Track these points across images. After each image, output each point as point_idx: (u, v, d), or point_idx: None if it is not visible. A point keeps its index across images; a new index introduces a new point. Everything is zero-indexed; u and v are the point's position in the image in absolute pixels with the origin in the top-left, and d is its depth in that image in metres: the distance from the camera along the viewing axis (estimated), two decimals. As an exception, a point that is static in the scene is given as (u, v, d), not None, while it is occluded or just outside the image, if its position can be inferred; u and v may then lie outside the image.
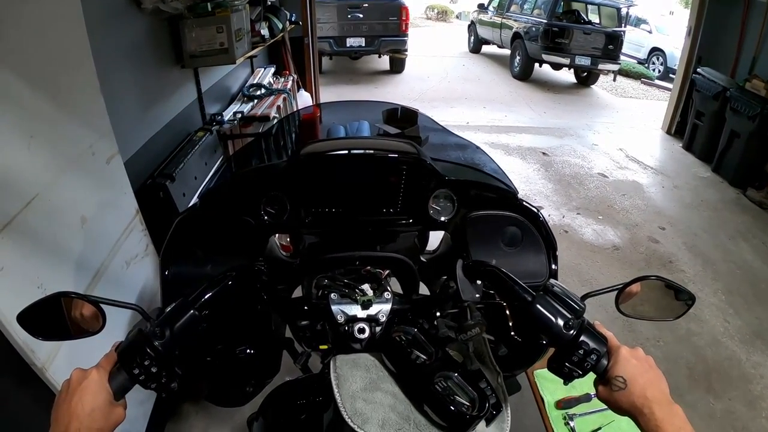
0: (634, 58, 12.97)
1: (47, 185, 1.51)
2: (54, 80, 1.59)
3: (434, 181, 1.24)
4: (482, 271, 1.10)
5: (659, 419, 0.80)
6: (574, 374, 0.91)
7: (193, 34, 2.92)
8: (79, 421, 0.78)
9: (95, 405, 0.81)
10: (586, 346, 0.90)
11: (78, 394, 0.81)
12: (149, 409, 2.14)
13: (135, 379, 0.85)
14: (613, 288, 1.01)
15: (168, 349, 0.88)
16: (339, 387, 0.95)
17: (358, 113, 2.21)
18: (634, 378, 0.86)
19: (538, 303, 0.95)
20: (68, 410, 0.80)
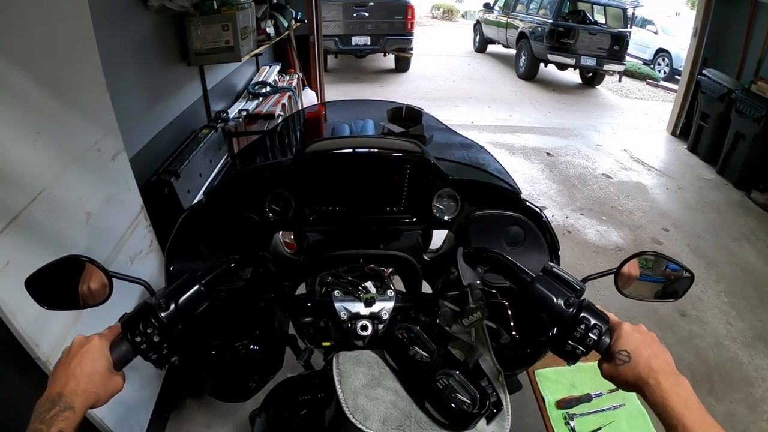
0: (639, 58, 12.93)
1: (53, 181, 1.52)
2: (60, 77, 1.60)
3: (438, 180, 1.24)
4: (483, 257, 1.12)
5: (665, 389, 0.79)
6: (577, 351, 0.91)
7: (198, 31, 2.92)
8: (76, 382, 0.78)
9: (94, 369, 0.81)
10: (587, 321, 0.90)
11: (78, 357, 0.81)
12: (152, 403, 2.15)
13: (137, 348, 0.87)
14: (613, 270, 1.02)
15: (171, 321, 0.90)
16: (341, 383, 0.96)
17: (363, 112, 2.21)
18: (638, 350, 0.86)
19: (538, 283, 0.97)
20: (66, 371, 0.80)
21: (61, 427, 0.73)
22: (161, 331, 0.88)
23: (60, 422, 0.73)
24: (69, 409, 0.75)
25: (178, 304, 0.91)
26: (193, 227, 1.21)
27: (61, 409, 0.74)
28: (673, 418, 0.77)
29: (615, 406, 1.81)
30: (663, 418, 0.79)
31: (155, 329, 0.87)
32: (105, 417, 1.71)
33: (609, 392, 1.84)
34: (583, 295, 0.95)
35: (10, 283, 1.30)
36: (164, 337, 0.88)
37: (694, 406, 0.77)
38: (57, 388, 0.77)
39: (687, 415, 0.76)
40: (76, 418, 0.76)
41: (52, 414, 0.74)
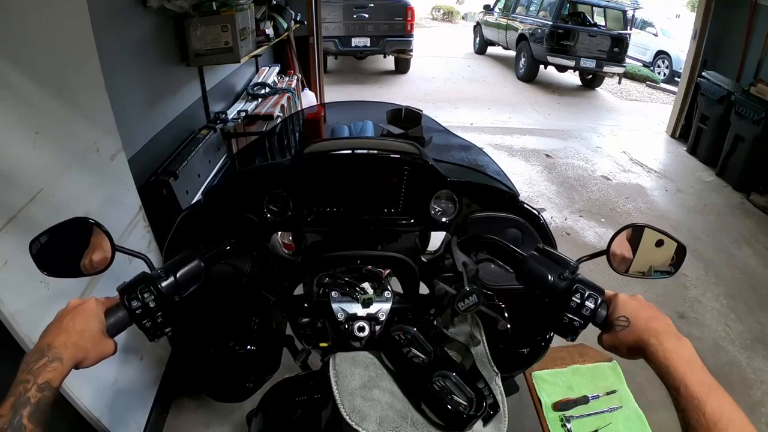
0: (639, 60, 12.94)
1: (52, 181, 1.52)
2: (59, 77, 1.60)
3: (436, 182, 1.24)
4: (478, 243, 1.14)
5: (667, 349, 0.78)
6: (575, 324, 0.92)
7: (198, 32, 2.93)
8: (67, 335, 0.78)
9: (86, 327, 0.81)
10: (582, 290, 0.91)
11: (71, 315, 0.81)
12: (150, 403, 2.15)
13: (132, 314, 0.88)
14: (604, 250, 1.02)
15: (170, 291, 0.92)
16: (338, 384, 0.96)
17: (362, 113, 2.22)
18: (637, 314, 0.85)
19: (531, 259, 0.99)
20: (58, 326, 0.79)
21: (48, 378, 0.72)
22: (158, 299, 0.89)
23: (47, 373, 0.72)
24: (57, 359, 0.74)
25: (177, 277, 0.93)
26: (191, 227, 1.21)
27: (50, 360, 0.74)
28: (675, 379, 0.75)
29: (612, 408, 1.81)
30: (665, 379, 0.77)
31: (152, 296, 0.88)
32: (102, 416, 1.71)
33: (606, 394, 1.85)
34: (576, 271, 0.96)
35: (8, 283, 1.30)
36: (160, 305, 0.89)
37: (697, 367, 0.76)
38: (47, 340, 0.77)
39: (690, 377, 0.74)
40: (64, 369, 0.75)
41: (40, 364, 0.73)
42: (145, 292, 0.89)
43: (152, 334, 0.91)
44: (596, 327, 0.92)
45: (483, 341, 1.10)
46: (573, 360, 1.97)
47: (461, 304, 1.02)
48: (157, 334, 0.91)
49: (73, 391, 1.57)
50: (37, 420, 0.69)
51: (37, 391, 0.70)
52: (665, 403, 2.33)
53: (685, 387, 0.73)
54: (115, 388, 1.84)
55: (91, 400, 1.66)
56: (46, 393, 0.71)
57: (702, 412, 0.70)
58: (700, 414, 0.70)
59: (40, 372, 0.72)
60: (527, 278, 0.99)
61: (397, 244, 1.36)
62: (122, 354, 1.92)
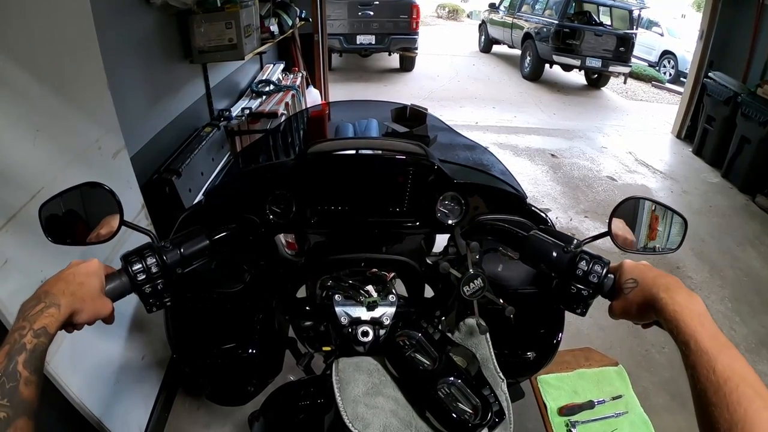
0: (645, 60, 12.88)
1: (53, 179, 1.50)
2: (61, 74, 1.59)
3: (442, 183, 1.22)
4: (481, 228, 1.16)
5: (677, 303, 0.76)
6: (583, 292, 0.91)
7: (201, 29, 2.92)
8: (66, 284, 0.77)
9: (86, 281, 0.80)
10: (586, 258, 0.91)
11: (72, 269, 0.81)
12: (151, 403, 2.14)
13: (133, 279, 0.87)
14: (606, 231, 1.00)
15: (173, 263, 0.92)
16: (341, 391, 0.95)
17: (367, 112, 2.19)
18: (644, 273, 0.84)
19: (534, 236, 1.00)
20: (57, 276, 0.79)
21: (44, 323, 0.70)
22: (161, 266, 0.89)
23: (44, 318, 0.71)
24: (54, 305, 0.73)
25: (182, 250, 0.94)
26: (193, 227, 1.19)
27: (46, 305, 0.72)
28: (685, 333, 0.73)
29: (618, 413, 1.79)
30: (675, 334, 0.75)
31: (155, 261, 0.88)
32: (103, 416, 1.70)
33: (612, 399, 1.83)
34: (580, 245, 0.96)
35: (8, 282, 1.28)
36: (162, 273, 0.89)
37: (707, 322, 0.74)
38: (44, 288, 0.76)
39: (700, 331, 0.72)
40: (61, 315, 0.73)
41: (37, 310, 0.71)
42: (149, 257, 0.88)
43: (150, 303, 0.90)
44: (605, 298, 0.91)
45: (489, 346, 1.08)
46: (578, 364, 1.95)
47: (467, 288, 1.01)
48: (155, 304, 0.91)
49: (74, 390, 1.55)
50: (32, 367, 0.67)
51: (33, 336, 0.68)
52: (670, 407, 2.31)
53: (695, 342, 0.71)
54: (117, 388, 1.83)
55: (92, 400, 1.64)
56: (42, 339, 0.69)
57: (712, 369, 0.68)
58: (710, 370, 0.68)
59: (37, 317, 0.70)
60: (531, 255, 1.00)
61: (402, 246, 1.34)
62: (124, 354, 1.90)
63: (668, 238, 1.01)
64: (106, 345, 1.80)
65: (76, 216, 0.94)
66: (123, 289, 0.87)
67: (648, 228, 1.01)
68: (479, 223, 1.18)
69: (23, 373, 0.65)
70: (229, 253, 1.11)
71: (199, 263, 0.97)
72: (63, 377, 1.50)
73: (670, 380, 2.69)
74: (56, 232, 0.93)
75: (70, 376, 1.54)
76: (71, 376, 1.55)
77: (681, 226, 1.00)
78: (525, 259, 1.02)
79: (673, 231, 1.01)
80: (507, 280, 1.22)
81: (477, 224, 1.18)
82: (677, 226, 1.01)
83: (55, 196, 0.91)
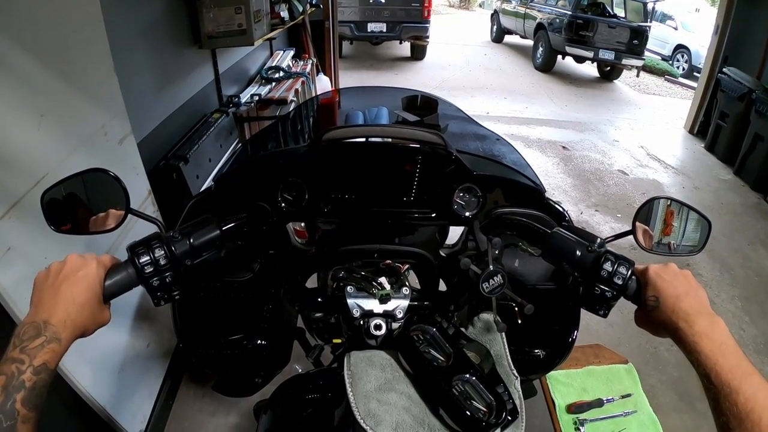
0: (658, 54, 12.72)
1: (57, 165, 1.47)
2: (66, 58, 1.55)
3: (461, 174, 1.18)
4: (501, 223, 1.14)
5: (696, 333, 0.73)
6: (607, 294, 0.89)
7: (211, 14, 2.89)
8: (66, 311, 0.72)
9: (87, 299, 0.75)
10: (611, 259, 0.88)
11: (71, 282, 0.75)
12: (155, 391, 2.13)
13: (140, 272, 0.83)
14: (630, 230, 0.99)
15: (182, 254, 0.88)
16: (352, 386, 0.92)
17: (377, 99, 2.16)
18: (666, 292, 0.81)
19: (557, 233, 0.97)
20: (55, 296, 0.73)
21: (45, 359, 0.67)
22: (170, 257, 0.85)
23: (44, 354, 0.67)
24: (55, 340, 0.69)
25: (192, 240, 0.90)
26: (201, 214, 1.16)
27: (47, 340, 0.68)
28: (706, 366, 0.70)
29: (626, 412, 1.76)
30: (695, 366, 0.72)
31: (164, 252, 0.85)
32: (107, 404, 1.69)
33: (621, 398, 1.80)
34: (603, 245, 0.93)
35: (11, 271, 1.26)
36: (171, 264, 0.85)
37: (728, 351, 0.71)
38: (43, 315, 0.71)
39: (721, 363, 0.69)
40: (62, 350, 0.70)
41: (36, 344, 0.67)
42: (157, 248, 0.84)
43: (158, 297, 0.87)
44: (628, 300, 0.89)
45: (504, 343, 1.05)
46: (588, 361, 1.92)
47: (486, 285, 0.98)
48: (164, 297, 0.88)
49: (78, 379, 1.54)
50: (31, 405, 0.64)
51: (32, 374, 0.65)
52: (678, 406, 2.29)
53: (716, 374, 0.69)
54: (121, 377, 1.82)
55: (96, 389, 1.63)
56: (42, 375, 0.66)
57: (734, 402, 0.66)
58: (732, 403, 0.66)
59: (37, 353, 0.66)
60: (554, 253, 0.97)
61: (414, 237, 1.31)
62: (129, 341, 1.89)
63: (691, 239, 0.99)
64: (112, 334, 1.79)
65: (80, 203, 0.91)
66: (129, 282, 0.83)
67: (671, 228, 0.98)
68: (499, 217, 1.14)
69: (21, 411, 0.63)
70: (239, 243, 1.08)
71: (209, 254, 0.93)
72: (69, 367, 1.50)
73: (678, 379, 2.67)
74: (59, 220, 0.89)
75: (76, 365, 1.53)
76: (77, 365, 1.54)
77: (704, 228, 0.98)
78: (547, 257, 0.99)
79: (696, 232, 0.99)
80: (524, 276, 1.19)
81: (496, 218, 1.14)
82: (700, 227, 0.99)
83: (58, 183, 0.88)
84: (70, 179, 0.89)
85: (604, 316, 0.91)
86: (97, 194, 0.91)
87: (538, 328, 1.17)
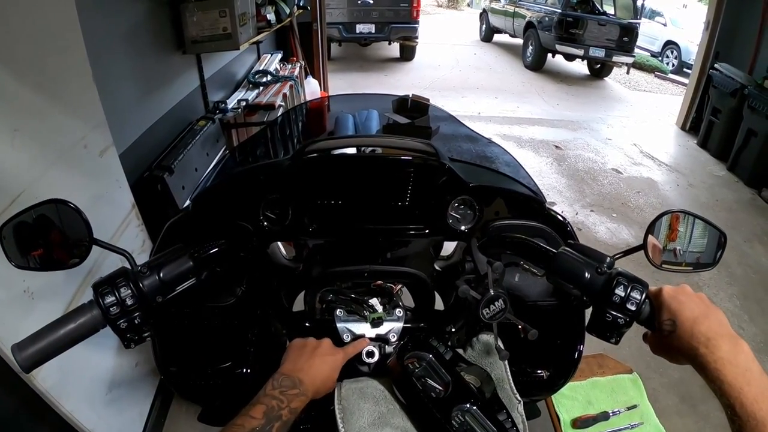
0: (648, 51, 12.75)
1: (34, 181, 1.40)
2: (41, 67, 1.48)
3: (455, 186, 1.11)
4: (502, 242, 1.06)
5: (719, 359, 0.68)
6: (619, 321, 0.81)
7: (194, 18, 2.82)
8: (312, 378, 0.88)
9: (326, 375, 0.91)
10: (624, 282, 0.81)
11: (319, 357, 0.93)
12: (146, 411, 2.07)
13: (105, 312, 0.76)
14: (641, 245, 0.90)
15: (152, 290, 0.81)
16: (344, 421, 0.86)
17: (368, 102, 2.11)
18: (682, 315, 0.75)
19: (563, 254, 0.88)
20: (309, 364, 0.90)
21: (296, 405, 0.82)
22: (137, 296, 0.78)
23: (297, 401, 0.83)
24: (304, 394, 0.84)
25: (161, 275, 0.83)
26: (180, 235, 1.08)
27: (300, 393, 0.84)
28: (730, 396, 0.65)
29: (633, 425, 1.70)
30: (718, 395, 0.67)
31: (130, 291, 0.78)
32: (96, 427, 1.63)
33: (627, 409, 1.74)
34: (613, 264, 0.85)
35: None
36: (139, 304, 0.78)
37: (754, 378, 0.65)
38: (299, 374, 0.87)
39: (746, 391, 0.64)
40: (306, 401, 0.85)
41: (293, 393, 0.83)
42: (122, 287, 0.77)
43: (128, 339, 0.80)
44: (640, 325, 0.83)
45: (506, 369, 0.99)
46: (592, 372, 1.86)
47: (486, 311, 0.91)
48: (133, 339, 0.80)
49: (64, 404, 1.48)
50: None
51: (289, 413, 0.80)
52: (680, 410, 2.23)
53: (741, 405, 0.63)
54: (109, 398, 1.76)
55: (83, 413, 1.57)
56: (291, 416, 0.81)
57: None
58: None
59: (293, 399, 0.82)
60: (561, 275, 0.88)
61: (408, 250, 1.24)
62: (116, 361, 1.83)
63: (704, 254, 0.92)
64: (98, 355, 1.72)
65: (39, 236, 0.83)
66: (95, 324, 0.77)
67: (684, 243, 0.91)
68: (499, 234, 1.07)
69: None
70: (217, 270, 1.00)
71: (184, 287, 0.86)
72: (53, 391, 1.43)
73: (679, 381, 2.63)
74: (17, 254, 0.82)
75: (60, 389, 1.47)
76: (61, 389, 1.47)
77: (718, 241, 0.91)
78: (552, 279, 0.91)
79: (709, 246, 0.91)
80: (524, 292, 1.12)
81: (496, 236, 1.07)
82: (713, 240, 0.91)
83: (14, 217, 0.81)
84: (27, 212, 0.81)
85: (616, 344, 0.84)
86: (60, 226, 0.84)
87: (542, 346, 1.10)
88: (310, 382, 0.86)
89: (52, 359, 0.75)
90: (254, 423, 0.76)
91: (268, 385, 0.83)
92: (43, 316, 0.81)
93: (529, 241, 0.98)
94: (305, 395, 0.84)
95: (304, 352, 0.92)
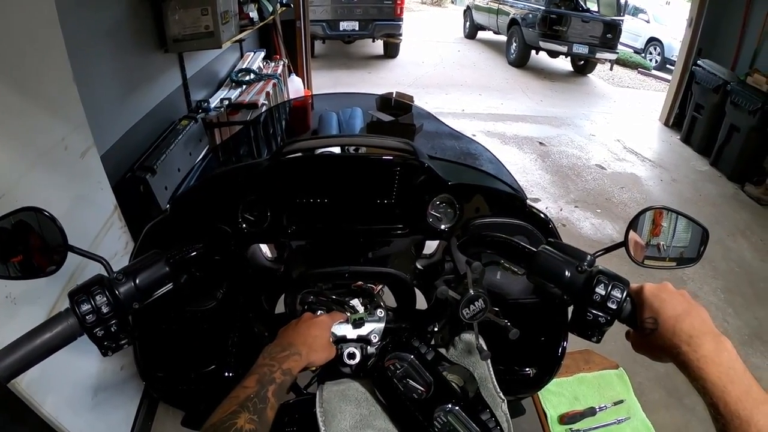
0: (631, 47, 12.84)
1: (13, 184, 1.37)
2: (19, 67, 1.45)
3: (434, 185, 1.11)
4: (482, 242, 1.06)
5: (701, 357, 0.67)
6: (600, 320, 0.81)
7: (176, 16, 2.80)
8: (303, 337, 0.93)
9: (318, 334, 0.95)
10: (605, 281, 0.80)
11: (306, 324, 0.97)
12: (132, 415, 2.04)
13: (81, 320, 0.76)
14: (621, 242, 0.90)
15: (128, 297, 0.81)
16: (325, 424, 0.85)
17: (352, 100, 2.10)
18: (664, 313, 0.74)
19: (543, 252, 0.88)
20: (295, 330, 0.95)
21: (290, 366, 0.84)
22: (113, 304, 0.78)
23: (290, 362, 0.85)
24: (297, 354, 0.87)
25: (137, 281, 0.82)
26: (158, 241, 1.07)
27: (291, 354, 0.86)
28: (713, 394, 0.64)
29: (619, 419, 1.72)
30: (702, 394, 0.66)
31: (106, 299, 0.77)
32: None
33: (613, 404, 1.75)
34: (595, 263, 0.85)
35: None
36: (115, 312, 0.78)
37: (738, 376, 0.65)
38: (288, 339, 0.90)
39: (729, 390, 0.64)
40: (301, 362, 0.87)
41: (283, 355, 0.86)
42: (98, 294, 0.77)
43: (104, 346, 0.79)
44: (622, 323, 0.82)
45: (489, 368, 0.99)
46: (578, 368, 1.87)
47: (466, 311, 0.90)
48: (111, 347, 0.80)
49: (48, 410, 1.46)
50: (277, 397, 0.80)
51: (281, 374, 0.82)
52: (667, 403, 2.25)
53: (725, 404, 0.63)
54: (95, 402, 1.74)
55: (68, 418, 1.55)
56: (287, 377, 0.83)
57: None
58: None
59: (284, 360, 0.84)
60: (541, 274, 0.88)
61: (389, 249, 1.23)
62: (101, 365, 1.80)
63: (687, 249, 0.92)
64: (82, 359, 1.69)
65: (12, 245, 0.82)
66: (72, 332, 0.76)
67: (665, 239, 0.91)
68: (478, 233, 1.07)
69: (271, 399, 0.78)
70: (196, 274, 0.99)
71: (161, 292, 0.85)
72: (36, 396, 1.41)
73: (665, 375, 2.65)
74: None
75: (45, 396, 1.44)
76: (46, 395, 1.45)
77: (700, 237, 0.91)
78: (533, 278, 0.90)
79: (692, 242, 0.91)
80: (506, 290, 1.12)
81: (476, 234, 1.06)
82: (696, 236, 0.91)
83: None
84: (1, 220, 0.80)
85: (597, 342, 0.84)
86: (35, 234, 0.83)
87: (525, 344, 1.10)
88: (301, 342, 0.89)
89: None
90: (248, 391, 0.77)
91: (259, 359, 0.85)
92: (26, 321, 0.81)
93: (509, 240, 0.97)
94: (298, 354, 0.86)
95: (288, 326, 0.96)
